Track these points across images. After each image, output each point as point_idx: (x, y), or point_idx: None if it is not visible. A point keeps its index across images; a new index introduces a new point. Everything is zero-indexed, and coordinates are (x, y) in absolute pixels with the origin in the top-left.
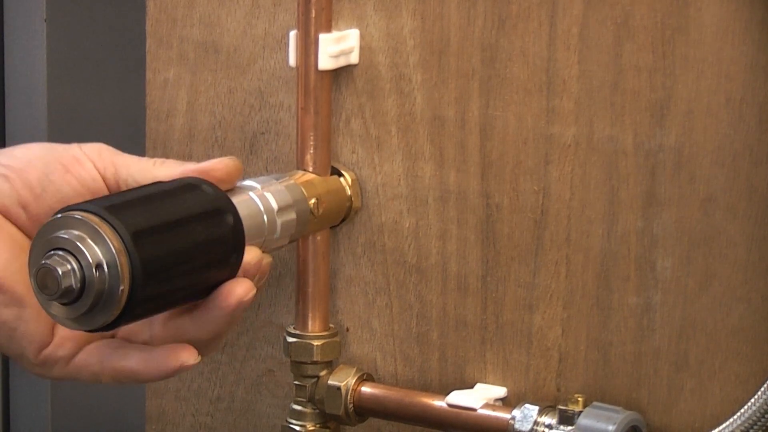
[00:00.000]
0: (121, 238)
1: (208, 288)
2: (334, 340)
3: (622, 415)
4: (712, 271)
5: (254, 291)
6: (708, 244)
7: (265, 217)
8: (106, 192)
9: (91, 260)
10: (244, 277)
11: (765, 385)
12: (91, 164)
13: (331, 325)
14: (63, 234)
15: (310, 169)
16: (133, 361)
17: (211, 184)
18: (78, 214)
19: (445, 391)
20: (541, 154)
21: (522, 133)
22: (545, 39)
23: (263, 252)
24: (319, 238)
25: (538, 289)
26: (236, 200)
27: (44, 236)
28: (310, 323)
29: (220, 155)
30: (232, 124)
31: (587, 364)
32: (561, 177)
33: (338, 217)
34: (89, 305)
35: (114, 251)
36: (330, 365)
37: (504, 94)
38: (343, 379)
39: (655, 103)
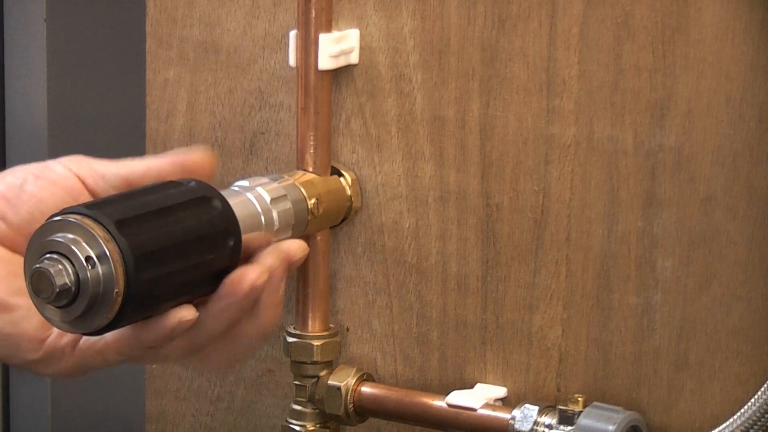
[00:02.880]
0: (113, 237)
1: (210, 279)
2: (334, 340)
3: (622, 415)
4: (712, 271)
5: (266, 277)
6: (708, 244)
7: (262, 218)
8: (81, 188)
9: (84, 261)
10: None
11: (765, 385)
12: (61, 166)
13: (331, 325)
14: (56, 237)
15: (310, 169)
16: (129, 326)
17: (195, 180)
18: (70, 217)
19: (445, 391)
20: (541, 154)
21: (522, 133)
22: (545, 39)
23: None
24: (319, 238)
25: (538, 289)
26: (233, 202)
27: (37, 241)
28: (310, 323)
29: (220, 155)
30: (232, 124)
31: (587, 364)
32: (561, 177)
33: (338, 217)
34: (85, 307)
35: (107, 251)
36: (330, 365)
37: (504, 94)
38: (343, 379)
39: (655, 103)
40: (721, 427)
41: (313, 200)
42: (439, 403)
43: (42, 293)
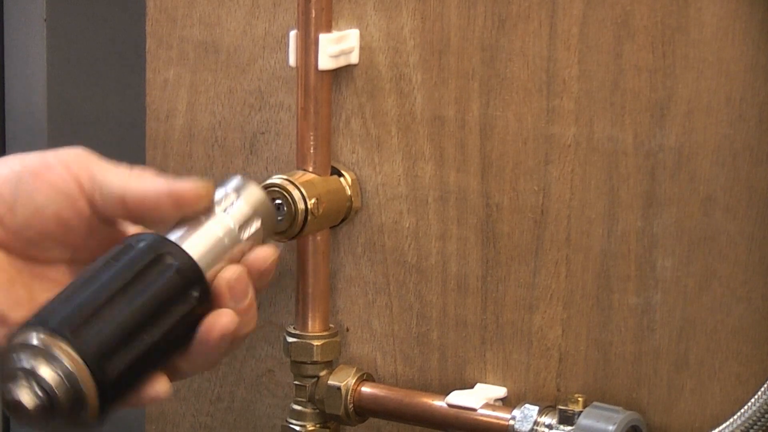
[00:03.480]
0: (78, 354)
1: (187, 333)
2: (334, 340)
3: (622, 415)
4: (712, 271)
5: (237, 320)
6: (708, 244)
7: (226, 240)
8: (79, 194)
9: (52, 384)
10: (261, 275)
11: (765, 385)
12: (62, 167)
13: (331, 325)
14: (23, 362)
15: (310, 169)
16: None
17: (146, 235)
18: (33, 339)
19: (445, 391)
20: (541, 154)
21: (522, 133)
22: (545, 39)
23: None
24: (319, 238)
25: (538, 289)
26: (195, 240)
27: (2, 366)
28: (310, 323)
29: (220, 155)
30: (232, 124)
31: (587, 364)
32: (561, 177)
33: (338, 217)
34: (64, 423)
35: (73, 370)
36: (330, 365)
37: (504, 94)
38: (343, 379)
39: (655, 103)
40: (721, 427)
41: (313, 200)
42: (439, 403)
43: (17, 414)
